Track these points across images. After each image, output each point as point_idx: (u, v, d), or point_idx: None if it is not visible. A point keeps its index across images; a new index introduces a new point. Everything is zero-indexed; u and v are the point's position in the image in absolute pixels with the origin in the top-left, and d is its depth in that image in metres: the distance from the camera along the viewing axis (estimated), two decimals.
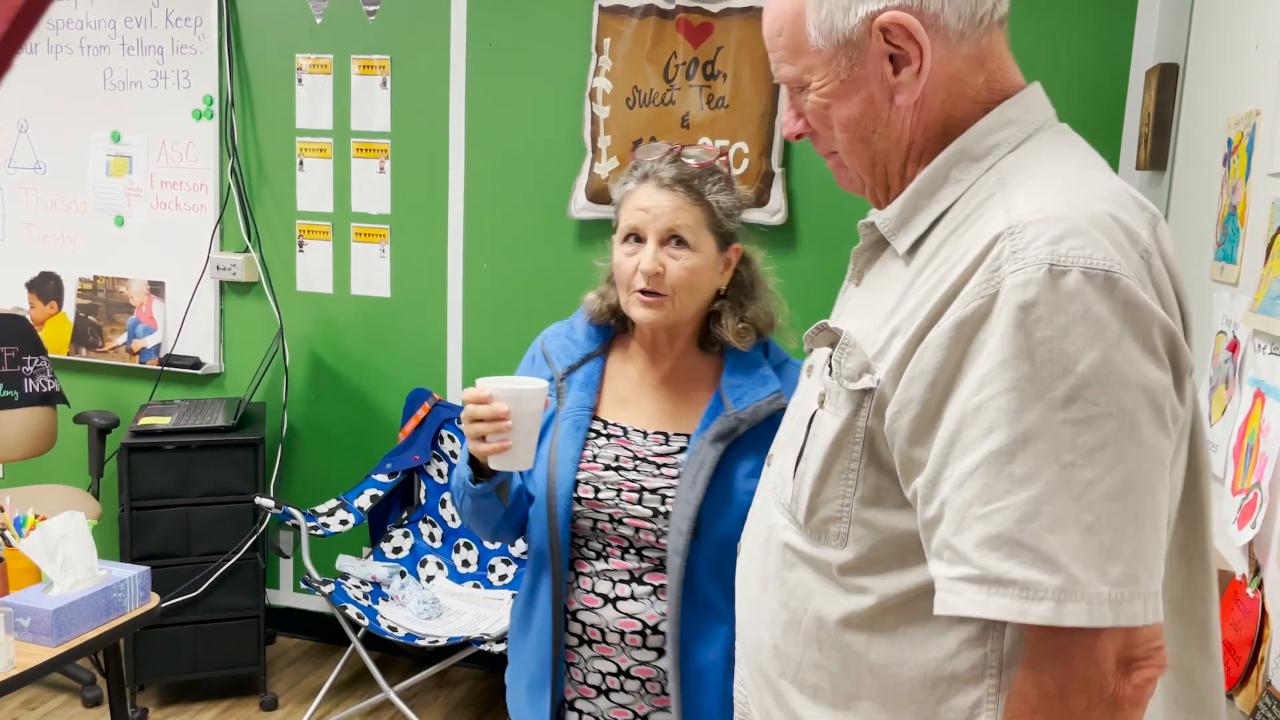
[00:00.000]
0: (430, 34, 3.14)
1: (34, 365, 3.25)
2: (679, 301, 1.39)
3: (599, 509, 1.41)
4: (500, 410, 1.29)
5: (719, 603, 1.37)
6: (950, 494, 0.81)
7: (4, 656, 1.83)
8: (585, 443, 1.43)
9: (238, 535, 3.00)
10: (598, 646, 1.43)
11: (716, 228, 1.42)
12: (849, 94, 0.93)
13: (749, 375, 1.43)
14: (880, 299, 0.93)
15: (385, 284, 3.30)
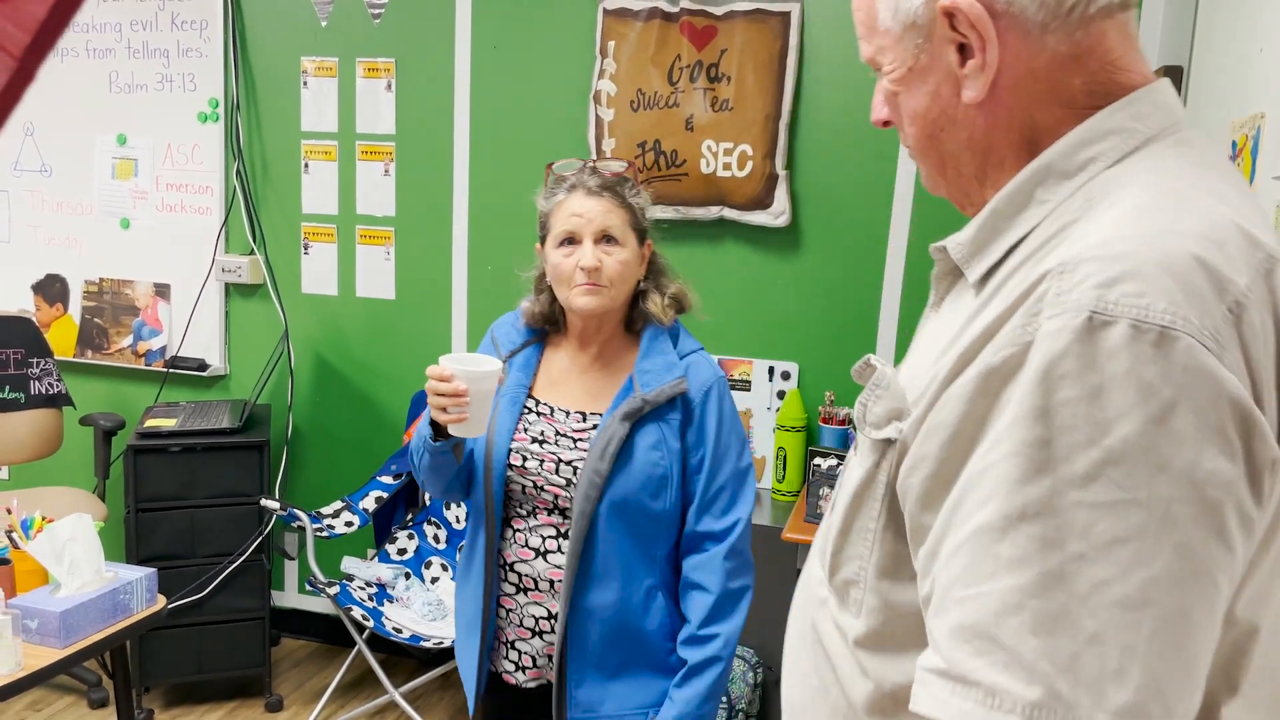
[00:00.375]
0: (435, 37, 3.14)
1: (40, 367, 3.26)
2: (614, 291, 1.60)
3: (526, 476, 1.63)
4: (460, 388, 1.48)
5: (610, 558, 1.59)
6: (939, 570, 0.70)
7: (12, 658, 1.84)
8: (520, 417, 1.65)
9: (243, 537, 3.01)
10: (531, 594, 1.64)
11: (636, 226, 1.63)
12: (916, 83, 0.83)
13: (657, 362, 1.62)
14: (943, 334, 0.81)
15: (390, 286, 3.30)
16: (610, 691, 1.62)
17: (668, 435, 1.60)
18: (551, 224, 1.63)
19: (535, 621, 1.65)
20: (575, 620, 1.60)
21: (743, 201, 2.90)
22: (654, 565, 1.63)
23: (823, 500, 2.57)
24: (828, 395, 2.88)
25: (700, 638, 1.61)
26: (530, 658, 1.66)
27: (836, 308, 2.92)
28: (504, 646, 1.68)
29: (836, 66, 2.83)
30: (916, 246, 2.83)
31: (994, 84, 0.78)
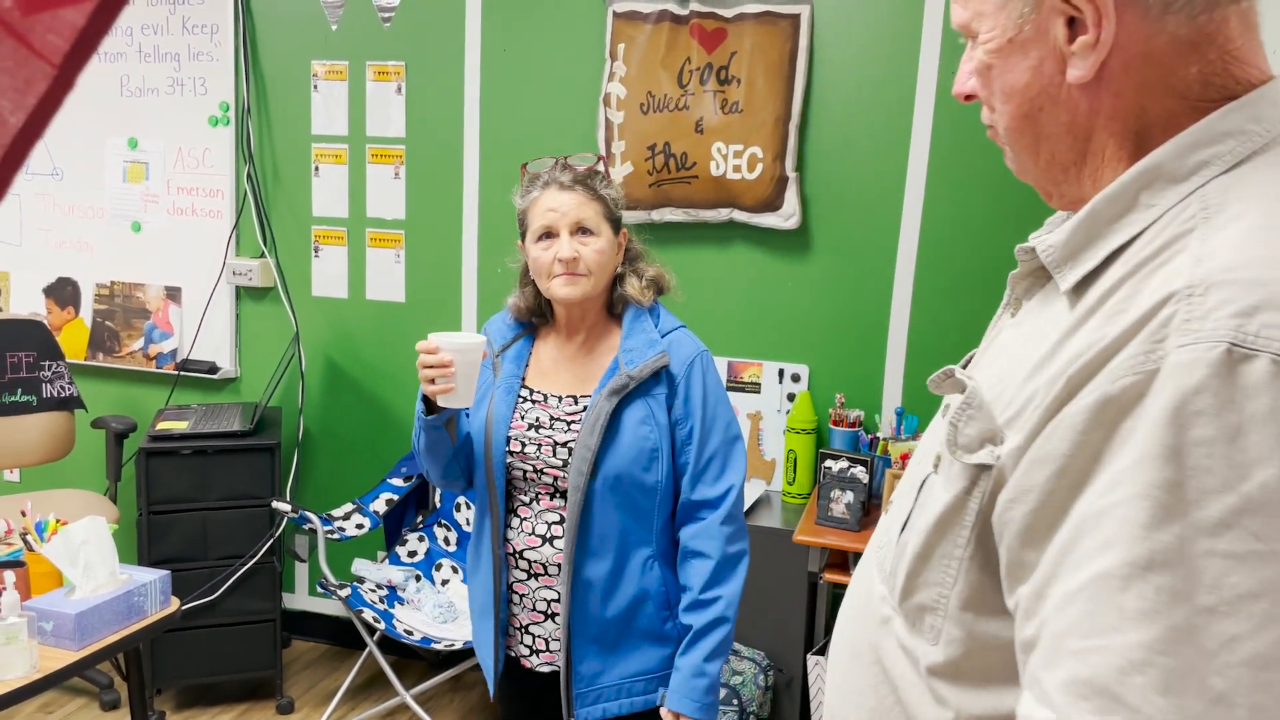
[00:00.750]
0: (445, 40, 3.15)
1: (52, 370, 3.28)
2: (593, 279, 1.69)
3: (525, 461, 1.71)
4: (445, 359, 1.58)
5: (606, 532, 1.67)
6: (1050, 615, 0.65)
7: (27, 660, 1.84)
8: (515, 406, 1.74)
9: (255, 539, 3.02)
10: (542, 579, 1.72)
11: (610, 216, 1.72)
12: (1016, 56, 0.76)
13: (639, 340, 1.70)
14: (1031, 345, 0.75)
15: (400, 289, 3.31)
16: (610, 663, 1.71)
17: (655, 410, 1.67)
18: (529, 220, 1.72)
19: (547, 605, 1.73)
20: (577, 595, 1.68)
21: (753, 204, 2.90)
22: (650, 537, 1.70)
23: (833, 503, 2.57)
24: (838, 397, 2.88)
25: (703, 601, 1.67)
26: (544, 640, 1.74)
27: (847, 310, 2.92)
28: (518, 631, 1.76)
29: (847, 68, 2.83)
30: (927, 248, 2.83)
31: (1104, 64, 0.72)
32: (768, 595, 2.71)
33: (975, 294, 2.80)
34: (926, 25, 2.75)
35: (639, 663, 1.72)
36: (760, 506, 2.86)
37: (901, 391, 2.90)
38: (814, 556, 2.61)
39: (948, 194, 2.80)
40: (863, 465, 2.57)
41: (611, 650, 1.71)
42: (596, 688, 1.71)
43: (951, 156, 2.78)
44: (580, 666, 1.70)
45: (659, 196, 2.94)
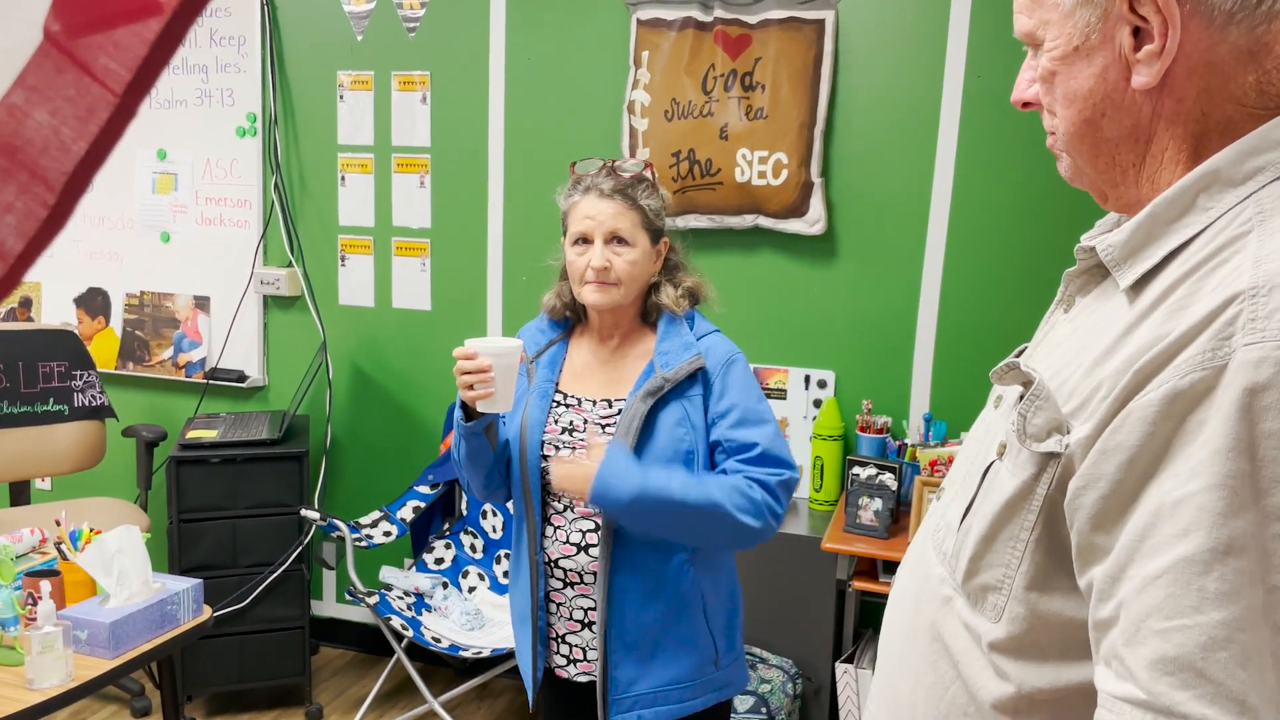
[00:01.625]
0: (469, 49, 3.16)
1: (83, 380, 3.31)
2: (624, 289, 1.69)
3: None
4: (484, 364, 1.58)
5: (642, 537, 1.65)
6: (1130, 597, 0.70)
7: (63, 669, 1.86)
8: (550, 410, 1.73)
9: (283, 547, 3.04)
10: (578, 588, 1.72)
11: (649, 226, 1.71)
12: (1080, 63, 0.79)
13: (675, 343, 1.69)
14: (1091, 339, 0.80)
15: (426, 297, 3.32)
16: (646, 670, 1.69)
17: (690, 411, 1.66)
18: (568, 223, 1.74)
19: (584, 614, 1.72)
20: (613, 603, 1.67)
21: (778, 209, 2.89)
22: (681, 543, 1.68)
23: (861, 510, 2.55)
24: (865, 403, 2.86)
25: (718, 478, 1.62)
26: (581, 650, 1.74)
27: (873, 315, 2.90)
28: (556, 641, 1.76)
29: (872, 73, 2.82)
30: (954, 252, 2.82)
31: (1168, 71, 0.76)
32: (795, 603, 2.69)
33: (1003, 298, 2.78)
34: (952, 29, 2.74)
35: (674, 670, 1.70)
36: (787, 514, 2.84)
37: (929, 397, 2.88)
38: (842, 564, 2.60)
39: (975, 198, 2.78)
40: (891, 472, 2.56)
41: (648, 658, 1.70)
42: (632, 695, 1.70)
43: (978, 160, 2.77)
44: (616, 673, 1.70)
45: (684, 203, 2.94)
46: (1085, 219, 0.97)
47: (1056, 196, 2.69)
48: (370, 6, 3.23)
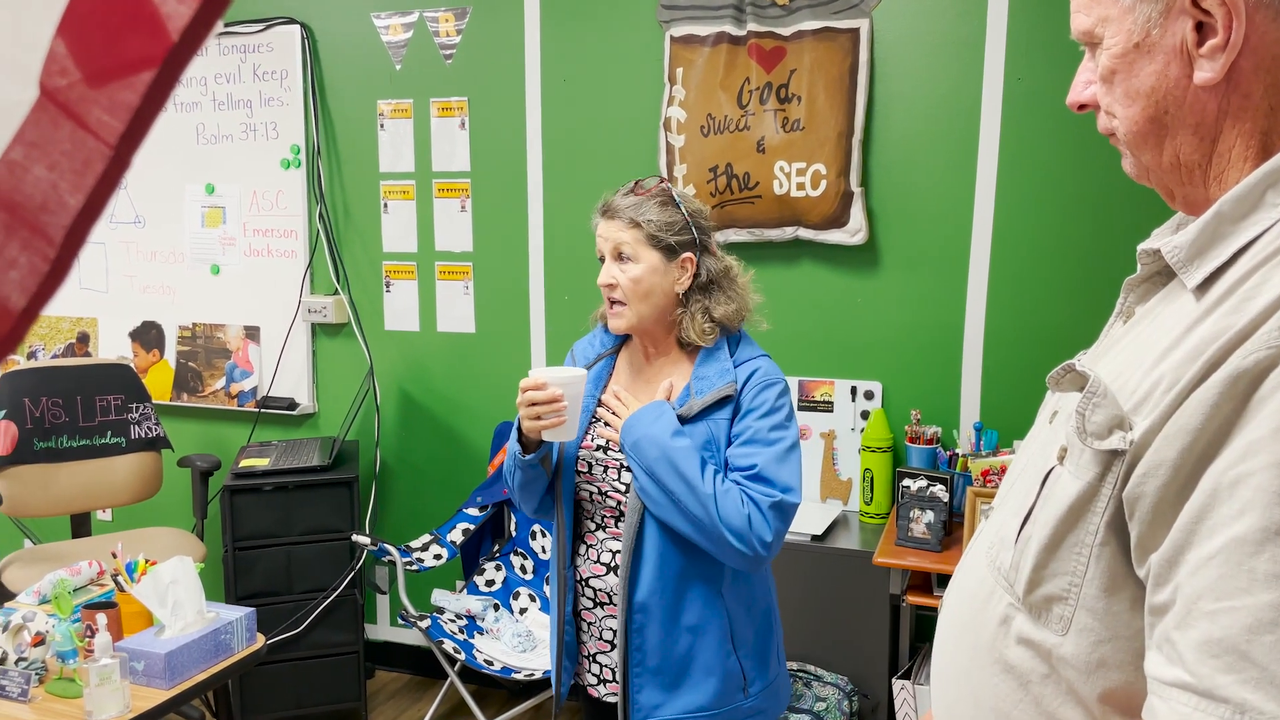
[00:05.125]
0: (506, 73, 3.19)
1: (139, 412, 3.38)
2: (634, 307, 1.69)
3: (592, 482, 1.72)
4: (556, 394, 1.60)
5: (664, 559, 1.65)
6: (1185, 579, 0.69)
7: (120, 701, 1.89)
8: (589, 427, 1.74)
9: (336, 572, 3.07)
10: (607, 608, 1.72)
11: (655, 243, 1.68)
12: (1142, 60, 0.78)
13: (712, 369, 1.69)
14: (1154, 339, 0.79)
15: (470, 320, 3.35)
16: (670, 696, 1.68)
17: (716, 433, 1.65)
18: None
19: (613, 634, 1.72)
20: (634, 625, 1.67)
21: (818, 221, 2.86)
22: (710, 569, 1.66)
23: (913, 523, 2.50)
24: (914, 414, 2.81)
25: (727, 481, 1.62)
26: (610, 670, 1.74)
27: (919, 324, 2.86)
28: (587, 660, 1.77)
29: (909, 80, 2.78)
30: (1000, 259, 2.76)
31: (1233, 66, 0.74)
32: (849, 619, 2.65)
33: (1053, 302, 2.72)
34: (990, 32, 2.69)
35: (699, 698, 1.68)
36: (838, 528, 2.81)
37: (979, 406, 2.82)
38: (895, 578, 2.55)
39: (1020, 203, 2.73)
40: (942, 483, 2.51)
41: (672, 684, 1.68)
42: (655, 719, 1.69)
43: (1022, 164, 2.71)
44: (639, 696, 1.68)
45: (723, 218, 2.92)
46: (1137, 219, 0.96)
47: (1105, 198, 2.63)
48: (408, 36, 3.28)
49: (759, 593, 1.75)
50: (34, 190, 0.39)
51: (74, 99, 0.39)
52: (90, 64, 0.39)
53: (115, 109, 0.39)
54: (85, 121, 0.39)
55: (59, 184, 0.39)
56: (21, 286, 0.39)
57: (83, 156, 0.39)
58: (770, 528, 1.60)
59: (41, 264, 0.40)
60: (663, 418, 1.63)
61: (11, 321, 0.40)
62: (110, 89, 0.39)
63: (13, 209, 0.40)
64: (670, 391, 1.72)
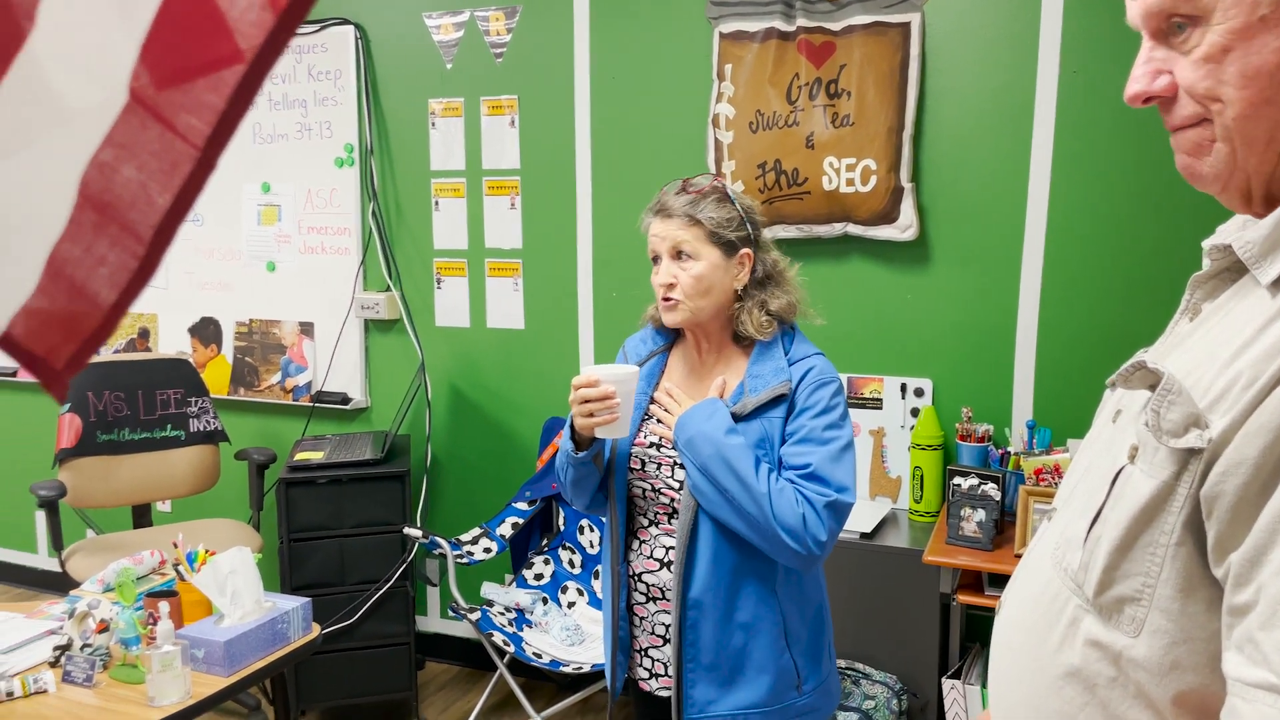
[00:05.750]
0: (555, 71, 3.21)
1: (198, 406, 3.46)
2: (693, 303, 1.69)
3: (644, 479, 1.73)
4: (609, 390, 1.61)
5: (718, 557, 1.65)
6: (1269, 579, 0.67)
7: (182, 687, 1.94)
8: (641, 424, 1.75)
9: (388, 564, 3.11)
10: (660, 603, 1.72)
11: (716, 239, 1.69)
12: (1265, 35, 0.72)
13: (766, 367, 1.69)
14: (1225, 336, 0.77)
15: (519, 316, 3.38)
16: (724, 692, 1.68)
17: (770, 431, 1.65)
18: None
19: (665, 629, 1.73)
20: (688, 620, 1.68)
21: (867, 216, 2.84)
22: (764, 566, 1.66)
23: (964, 521, 2.48)
24: (965, 411, 2.79)
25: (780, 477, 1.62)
26: (663, 665, 1.75)
27: (970, 321, 2.83)
28: (639, 654, 1.78)
29: (961, 74, 2.75)
30: (1054, 254, 2.72)
31: None
32: (898, 618, 2.63)
33: (1109, 298, 2.68)
34: (1045, 24, 2.65)
35: (754, 694, 1.68)
36: (886, 526, 2.79)
37: (1032, 404, 2.78)
38: (945, 577, 2.53)
39: (1075, 196, 2.69)
40: (994, 482, 2.48)
41: (726, 680, 1.68)
42: (708, 715, 1.69)
43: (1077, 158, 2.67)
44: (693, 691, 1.69)
45: (772, 214, 2.91)
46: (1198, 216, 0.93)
47: (1166, 194, 2.58)
48: (459, 35, 3.31)
49: (811, 590, 1.75)
50: (123, 190, 0.41)
51: (162, 103, 0.41)
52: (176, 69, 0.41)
53: (201, 112, 0.41)
54: (173, 124, 0.41)
55: (148, 184, 0.41)
56: (111, 282, 0.41)
57: (170, 158, 0.41)
58: (825, 527, 1.60)
59: (130, 261, 0.42)
60: (716, 415, 1.63)
61: (102, 316, 0.42)
62: (196, 93, 0.41)
63: (103, 208, 0.42)
64: (723, 389, 1.72)
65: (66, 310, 0.40)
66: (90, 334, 0.41)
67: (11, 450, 4.26)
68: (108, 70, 0.42)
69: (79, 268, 0.40)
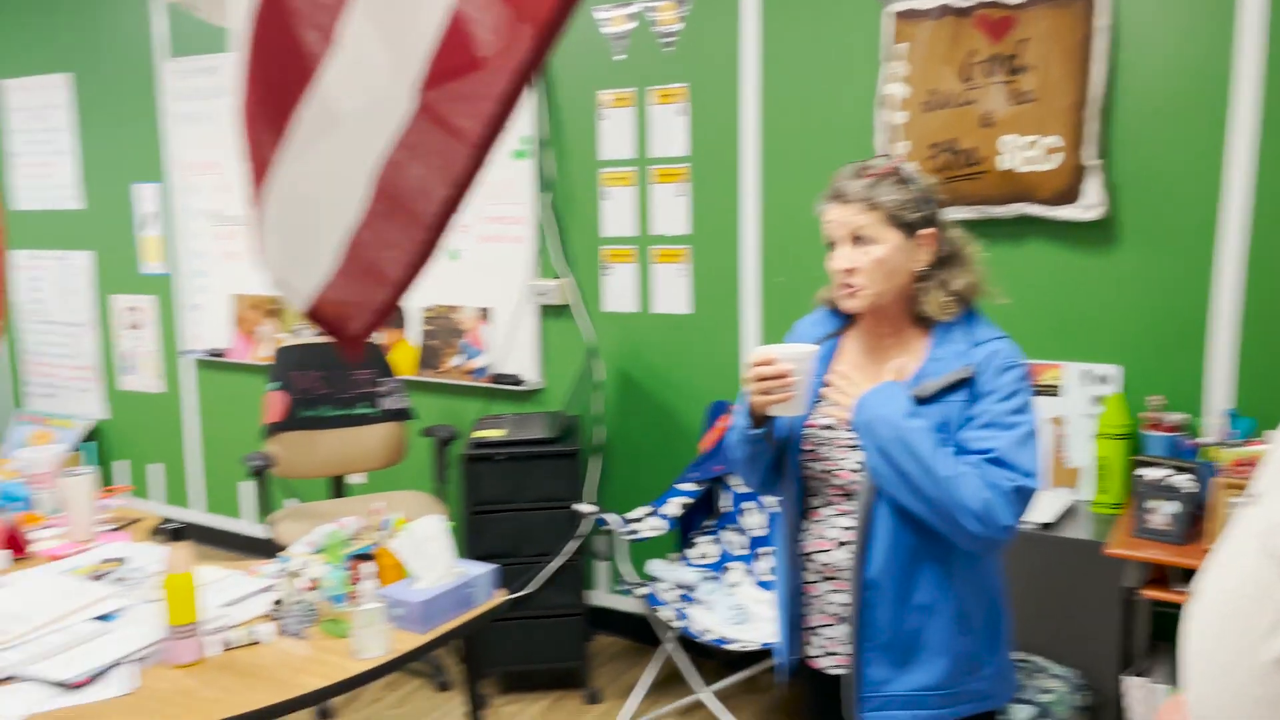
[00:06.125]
0: (724, 58, 3.24)
1: (388, 386, 3.70)
2: (875, 288, 1.67)
3: (818, 460, 1.73)
4: (785, 369, 1.62)
5: (897, 539, 1.64)
6: None
7: (383, 642, 2.10)
8: (815, 406, 1.74)
9: (560, 538, 3.25)
10: (833, 583, 1.74)
11: (896, 222, 1.66)
12: None
13: (948, 350, 1.66)
14: None
15: (686, 301, 3.44)
16: (899, 672, 1.68)
17: (952, 417, 1.62)
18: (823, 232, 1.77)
19: (839, 608, 1.73)
20: (866, 601, 1.68)
21: (1048, 196, 2.75)
22: (942, 550, 1.64)
23: (1152, 514, 2.38)
24: (1153, 399, 2.66)
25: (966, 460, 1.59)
26: (835, 643, 1.76)
27: (1162, 305, 2.69)
28: (809, 633, 1.80)
29: (1152, 45, 2.62)
30: (1262, 233, 2.55)
31: None
32: (1077, 612, 2.55)
33: None
34: None
35: (930, 675, 1.67)
36: (1066, 518, 2.70)
37: (1232, 392, 2.63)
38: (1129, 571, 2.43)
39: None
40: (1188, 473, 2.36)
41: (902, 661, 1.68)
42: (884, 695, 1.69)
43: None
44: (868, 670, 1.70)
45: (946, 195, 2.85)
46: None
47: None
48: (630, 27, 3.39)
49: (989, 577, 1.73)
50: (411, 185, 0.48)
51: (444, 110, 0.47)
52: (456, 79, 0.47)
53: (476, 116, 0.47)
54: (454, 128, 0.48)
55: (431, 179, 0.47)
56: (399, 262, 0.48)
57: (450, 156, 0.47)
58: (1010, 512, 1.58)
59: (415, 244, 0.49)
60: (896, 398, 1.63)
61: (390, 291, 0.49)
62: (472, 100, 0.47)
63: (393, 201, 0.48)
64: (901, 372, 1.71)
65: (361, 286, 0.47)
66: (380, 306, 0.48)
67: (222, 426, 4.66)
68: (401, 82, 0.49)
69: (372, 250, 0.47)
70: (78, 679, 1.89)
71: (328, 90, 0.48)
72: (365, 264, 0.46)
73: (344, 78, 0.48)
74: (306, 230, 0.46)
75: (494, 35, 0.45)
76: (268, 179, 0.46)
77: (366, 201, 0.46)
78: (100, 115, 4.76)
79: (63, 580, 2.31)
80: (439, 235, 0.48)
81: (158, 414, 4.84)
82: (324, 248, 0.46)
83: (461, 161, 0.47)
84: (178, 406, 4.78)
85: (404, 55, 0.48)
